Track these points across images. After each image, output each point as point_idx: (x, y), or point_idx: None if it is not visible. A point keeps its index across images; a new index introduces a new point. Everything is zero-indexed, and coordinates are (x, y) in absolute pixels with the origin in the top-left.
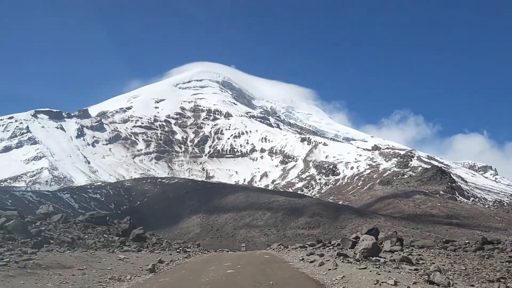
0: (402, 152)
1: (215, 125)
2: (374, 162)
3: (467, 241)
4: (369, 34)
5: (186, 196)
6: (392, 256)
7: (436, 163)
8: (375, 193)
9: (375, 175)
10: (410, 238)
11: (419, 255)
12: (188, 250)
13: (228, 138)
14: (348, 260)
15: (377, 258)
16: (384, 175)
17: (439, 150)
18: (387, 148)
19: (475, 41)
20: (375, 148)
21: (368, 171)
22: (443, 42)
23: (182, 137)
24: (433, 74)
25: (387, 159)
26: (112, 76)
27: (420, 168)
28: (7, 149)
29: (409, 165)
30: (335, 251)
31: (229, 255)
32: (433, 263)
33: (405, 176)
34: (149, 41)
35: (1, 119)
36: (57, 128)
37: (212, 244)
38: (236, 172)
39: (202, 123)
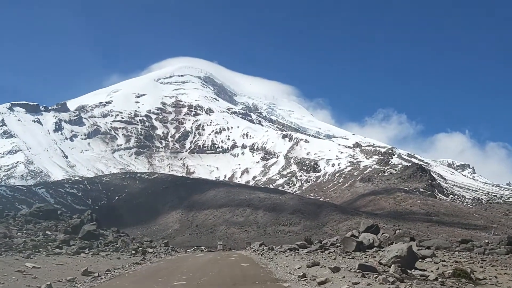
0: (383, 150)
1: (196, 120)
2: (355, 159)
3: (486, 241)
4: (353, 31)
5: (166, 192)
6: (438, 269)
7: (416, 161)
8: (356, 190)
9: (356, 172)
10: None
11: (456, 262)
12: (150, 251)
13: (209, 134)
14: (388, 280)
15: (420, 272)
16: (365, 172)
17: (421, 149)
18: (368, 146)
19: (459, 39)
20: (356, 145)
21: (349, 168)
22: (428, 40)
23: (163, 133)
24: (417, 73)
25: (368, 157)
26: (92, 70)
27: (400, 165)
28: None
29: (390, 162)
30: (343, 256)
31: (194, 261)
32: (498, 280)
33: (386, 174)
34: (130, 35)
35: None
36: (34, 121)
37: (191, 241)
38: (217, 168)
39: (183, 118)
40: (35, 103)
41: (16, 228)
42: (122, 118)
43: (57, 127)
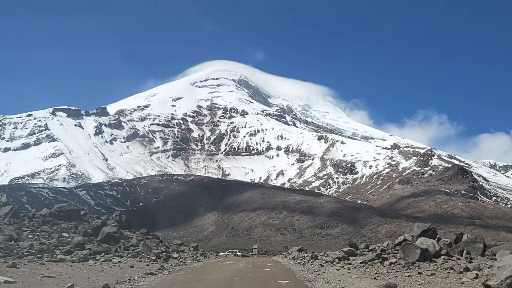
0: (422, 151)
1: (231, 123)
2: (393, 161)
3: None
4: (392, 31)
5: (202, 194)
6: None
7: (457, 162)
8: (395, 192)
9: (394, 174)
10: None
11: None
12: (175, 256)
13: (244, 136)
14: None
15: None
16: (404, 174)
17: (462, 150)
18: (407, 147)
19: (502, 39)
20: (394, 146)
21: (387, 170)
22: (469, 40)
23: (199, 135)
24: (459, 72)
25: (406, 158)
26: (131, 75)
27: (440, 167)
28: (25, 146)
29: (429, 164)
30: (418, 272)
31: (219, 273)
32: None
33: (425, 175)
34: (166, 40)
35: (20, 117)
36: (76, 125)
37: (227, 243)
38: (252, 170)
39: (218, 121)
40: (76, 108)
41: (29, 229)
42: (160, 121)
43: (97, 130)
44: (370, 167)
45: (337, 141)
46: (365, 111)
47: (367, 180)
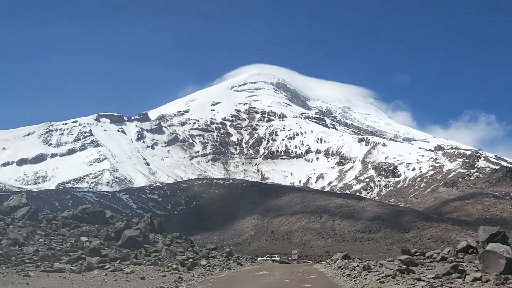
0: (468, 152)
1: (269, 126)
2: (438, 163)
3: None
4: (434, 29)
5: (241, 197)
6: None
7: (505, 164)
8: (440, 195)
9: (438, 177)
10: None
11: None
12: (203, 263)
13: (283, 140)
14: None
15: None
16: (449, 176)
17: (511, 151)
18: (451, 148)
19: None
20: (438, 148)
21: (431, 173)
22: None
23: (237, 139)
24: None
25: (451, 160)
26: (170, 81)
27: (488, 169)
28: (71, 151)
29: (476, 165)
30: (499, 285)
31: None
32: None
33: (472, 178)
34: (205, 46)
35: (66, 123)
36: (118, 131)
37: (267, 247)
38: (291, 173)
39: (256, 124)
40: (119, 114)
41: (44, 232)
42: (199, 126)
43: (139, 136)
44: (413, 169)
45: (378, 143)
46: (408, 112)
47: (410, 183)
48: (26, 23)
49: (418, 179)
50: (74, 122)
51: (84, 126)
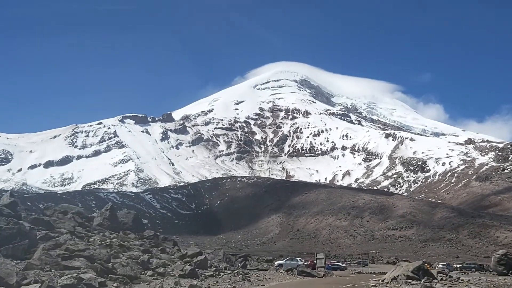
0: (501, 145)
1: (293, 124)
2: (469, 156)
3: None
4: (466, 21)
5: (266, 195)
6: None
7: None
8: (472, 190)
9: (470, 171)
10: None
11: None
12: (214, 274)
13: (308, 137)
14: None
15: None
16: (481, 170)
17: None
18: (483, 142)
19: None
20: (469, 142)
21: (462, 167)
22: None
23: (262, 137)
24: None
25: (483, 154)
26: (194, 81)
27: None
28: (96, 153)
29: (510, 158)
30: None
31: None
32: None
33: (506, 171)
34: (228, 45)
35: (91, 125)
36: (143, 132)
37: (293, 246)
38: (317, 171)
39: (280, 122)
40: (143, 115)
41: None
42: (223, 125)
43: (163, 136)
44: (443, 164)
45: (406, 138)
46: (440, 105)
47: (440, 178)
48: (66, 37)
49: (449, 174)
50: (99, 123)
51: (109, 128)
